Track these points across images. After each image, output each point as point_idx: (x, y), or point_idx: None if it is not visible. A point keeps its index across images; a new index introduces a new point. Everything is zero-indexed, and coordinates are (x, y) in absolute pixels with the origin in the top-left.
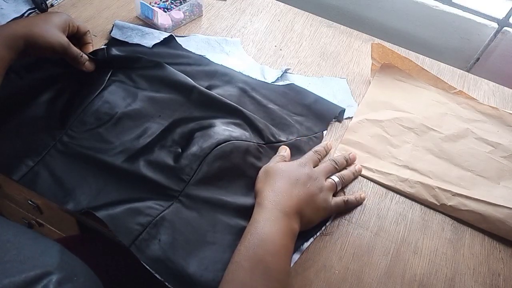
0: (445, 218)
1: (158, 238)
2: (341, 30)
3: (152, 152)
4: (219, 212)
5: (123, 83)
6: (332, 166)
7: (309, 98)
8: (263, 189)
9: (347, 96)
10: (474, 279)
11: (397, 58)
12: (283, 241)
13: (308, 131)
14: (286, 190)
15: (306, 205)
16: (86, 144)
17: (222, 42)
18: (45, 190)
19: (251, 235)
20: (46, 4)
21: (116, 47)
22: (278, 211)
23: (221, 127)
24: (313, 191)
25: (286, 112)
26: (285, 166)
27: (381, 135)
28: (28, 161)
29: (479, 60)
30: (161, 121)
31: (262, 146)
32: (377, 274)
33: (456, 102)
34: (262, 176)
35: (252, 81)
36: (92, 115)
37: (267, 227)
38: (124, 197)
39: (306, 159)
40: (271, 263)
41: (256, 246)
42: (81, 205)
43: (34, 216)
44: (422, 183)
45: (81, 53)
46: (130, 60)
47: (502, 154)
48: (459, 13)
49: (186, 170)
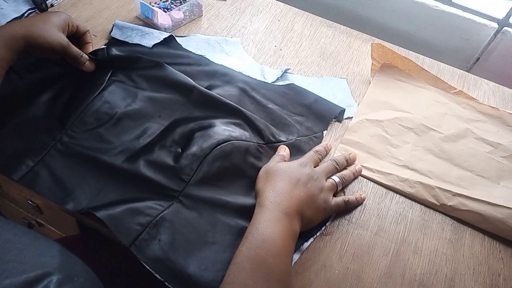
0: (445, 218)
1: (158, 238)
2: (341, 30)
3: (152, 152)
4: (219, 212)
5: (123, 83)
6: (333, 166)
7: (309, 98)
8: (264, 190)
9: (347, 96)
10: (474, 279)
11: (397, 58)
12: (285, 242)
13: (308, 131)
14: (287, 191)
15: (307, 206)
16: (86, 144)
17: (222, 42)
18: (45, 190)
19: (252, 236)
20: (46, 4)
21: (116, 47)
22: (279, 212)
23: (221, 127)
24: (313, 191)
25: (286, 112)
26: (286, 166)
27: (381, 135)
28: (28, 161)
29: (479, 60)
30: (161, 121)
31: (262, 146)
32: (377, 274)
33: (456, 102)
34: (263, 176)
35: (252, 81)
36: (92, 115)
37: (269, 228)
38: (124, 197)
39: (307, 159)
40: (273, 264)
41: (258, 248)
42: (81, 205)
43: (34, 216)
44: (422, 183)
45: (81, 53)
46: (130, 60)
47: (502, 154)
48: (459, 13)
49: (186, 170)
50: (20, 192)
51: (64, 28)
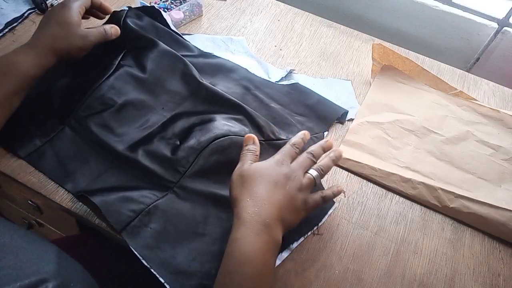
0: (445, 218)
1: (150, 226)
2: (341, 30)
3: (152, 143)
4: (212, 205)
5: (131, 68)
6: (309, 160)
7: (312, 98)
8: (240, 198)
9: (351, 98)
10: (474, 279)
11: (397, 58)
12: (265, 260)
13: (308, 131)
14: (266, 197)
15: (287, 210)
16: (91, 128)
17: (227, 41)
18: (47, 169)
19: (230, 260)
20: (46, 4)
21: (132, 19)
22: (258, 224)
23: (221, 121)
24: (292, 193)
25: (288, 111)
26: (262, 168)
27: (382, 137)
28: (36, 141)
29: (479, 60)
30: (163, 113)
31: (261, 143)
32: (377, 274)
33: (457, 104)
34: (238, 182)
35: (256, 79)
36: (98, 100)
37: (247, 246)
38: (121, 184)
39: (282, 155)
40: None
41: (235, 272)
42: (80, 186)
43: (34, 216)
44: (425, 184)
45: (104, 30)
46: (143, 41)
47: (503, 157)
48: (459, 13)
49: (182, 162)
50: (20, 192)
51: (79, 18)
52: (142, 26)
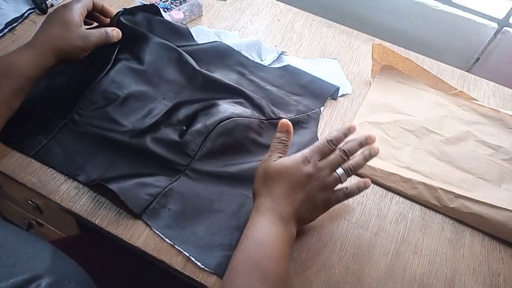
0: (445, 218)
1: (168, 207)
2: (341, 30)
3: (158, 130)
4: (224, 184)
5: (128, 61)
6: (340, 158)
7: (305, 78)
8: (260, 193)
9: (340, 75)
10: (474, 279)
11: (397, 58)
12: (280, 245)
13: (306, 109)
14: (284, 197)
15: (304, 209)
16: (95, 122)
17: (221, 34)
18: (56, 164)
19: (247, 239)
20: (46, 4)
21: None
22: (274, 217)
23: (224, 106)
24: (312, 192)
25: (284, 92)
26: (285, 167)
27: (382, 137)
28: (41, 138)
29: (479, 60)
30: (165, 102)
31: (263, 122)
32: (377, 274)
33: (457, 104)
34: (261, 176)
35: (250, 63)
36: (100, 95)
37: (264, 232)
38: (133, 172)
39: (311, 150)
40: (268, 268)
41: (252, 251)
42: (92, 177)
43: (34, 216)
44: (425, 184)
45: (105, 32)
46: (136, 35)
47: (503, 157)
48: (459, 13)
49: (191, 146)
50: (20, 192)
51: (80, 19)
52: (135, 21)
